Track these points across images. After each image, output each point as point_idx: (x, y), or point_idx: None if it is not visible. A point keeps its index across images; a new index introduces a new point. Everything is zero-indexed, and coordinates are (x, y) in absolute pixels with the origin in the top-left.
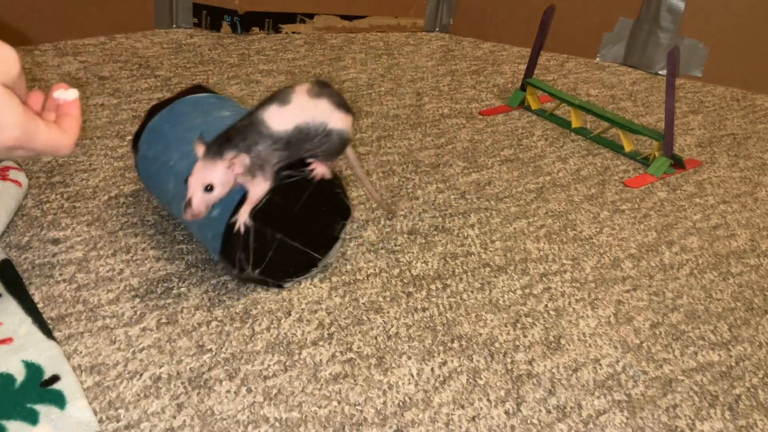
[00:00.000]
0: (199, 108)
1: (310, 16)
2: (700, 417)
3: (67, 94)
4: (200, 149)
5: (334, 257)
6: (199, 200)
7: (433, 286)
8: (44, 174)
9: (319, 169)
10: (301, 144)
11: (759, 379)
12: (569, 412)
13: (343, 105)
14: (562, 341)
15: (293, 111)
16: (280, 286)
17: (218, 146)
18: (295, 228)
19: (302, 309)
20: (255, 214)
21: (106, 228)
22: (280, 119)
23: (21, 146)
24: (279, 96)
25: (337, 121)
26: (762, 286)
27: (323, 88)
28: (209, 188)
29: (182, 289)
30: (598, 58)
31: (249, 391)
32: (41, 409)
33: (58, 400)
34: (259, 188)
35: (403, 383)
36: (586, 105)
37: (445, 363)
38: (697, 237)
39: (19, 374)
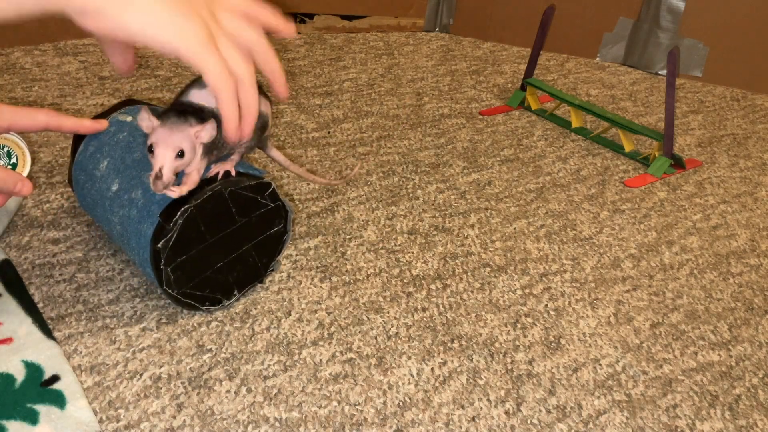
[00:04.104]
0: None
1: (310, 16)
2: (700, 417)
3: None
4: (152, 119)
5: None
6: (170, 169)
7: (433, 286)
8: (44, 174)
9: (221, 168)
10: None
11: (759, 379)
12: (569, 412)
13: (260, 89)
14: (562, 341)
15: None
16: (217, 303)
17: (179, 113)
18: (228, 242)
19: (302, 309)
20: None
21: None
22: (207, 100)
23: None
24: (195, 81)
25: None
26: (762, 286)
27: None
28: (180, 154)
29: None
30: (598, 58)
31: (249, 391)
32: (41, 409)
33: (58, 400)
34: (199, 172)
35: (403, 383)
36: (586, 105)
37: (445, 363)
38: (697, 237)
39: (19, 374)
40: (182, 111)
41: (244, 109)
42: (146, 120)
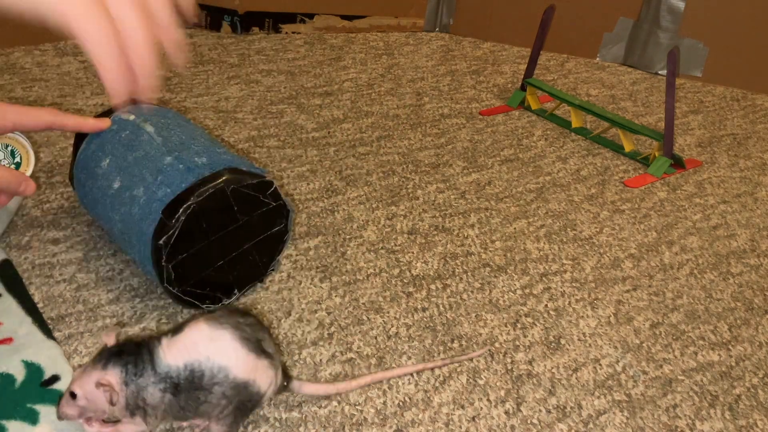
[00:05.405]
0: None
1: (310, 16)
2: (700, 417)
3: None
4: (108, 339)
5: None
6: (65, 402)
7: (433, 286)
8: (44, 174)
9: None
10: (192, 393)
11: (759, 379)
12: (569, 412)
13: (258, 347)
14: (562, 341)
15: (184, 342)
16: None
17: (109, 356)
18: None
19: (302, 309)
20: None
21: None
22: (171, 351)
23: None
24: (182, 323)
25: (243, 368)
26: (762, 286)
27: (229, 317)
28: (73, 395)
29: None
30: (598, 58)
31: None
32: (41, 409)
33: (58, 400)
34: (128, 429)
35: (403, 383)
36: (586, 105)
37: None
38: (697, 237)
39: (19, 374)
40: (116, 353)
41: (138, 69)
42: (105, 338)
